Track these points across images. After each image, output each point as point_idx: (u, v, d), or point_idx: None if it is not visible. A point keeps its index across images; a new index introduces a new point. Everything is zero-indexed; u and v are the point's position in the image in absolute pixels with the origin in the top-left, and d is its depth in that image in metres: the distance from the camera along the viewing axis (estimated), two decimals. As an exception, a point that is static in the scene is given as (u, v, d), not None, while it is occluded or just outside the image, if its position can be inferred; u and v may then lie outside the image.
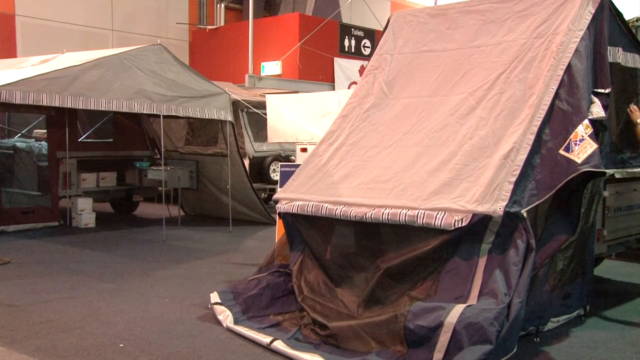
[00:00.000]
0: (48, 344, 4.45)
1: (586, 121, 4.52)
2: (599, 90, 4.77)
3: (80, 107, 7.99)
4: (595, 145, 4.39)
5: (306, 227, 5.17)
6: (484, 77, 5.07)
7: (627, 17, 7.81)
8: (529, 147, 4.36)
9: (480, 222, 4.14)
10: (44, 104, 7.64)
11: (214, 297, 5.28)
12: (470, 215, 4.13)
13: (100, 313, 5.23)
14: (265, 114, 11.45)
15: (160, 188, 10.15)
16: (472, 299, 4.05)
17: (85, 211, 9.95)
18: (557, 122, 4.56)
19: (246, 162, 11.11)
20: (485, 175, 4.34)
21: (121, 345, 4.46)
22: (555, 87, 4.61)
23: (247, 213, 10.41)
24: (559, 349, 4.49)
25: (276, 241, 7.12)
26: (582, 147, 4.40)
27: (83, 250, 8.08)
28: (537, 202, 4.28)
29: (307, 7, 18.18)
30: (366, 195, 4.82)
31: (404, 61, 5.89)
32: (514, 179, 4.20)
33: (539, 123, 4.47)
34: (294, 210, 5.15)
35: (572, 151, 4.41)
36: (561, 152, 4.43)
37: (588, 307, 5.16)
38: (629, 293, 6.08)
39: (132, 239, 9.08)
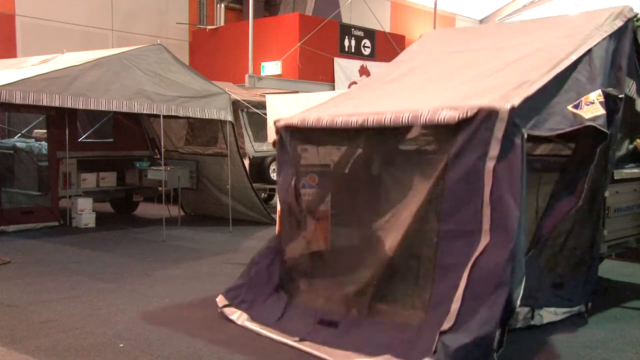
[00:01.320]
0: (48, 344, 4.46)
1: (599, 91, 4.70)
2: (611, 91, 4.88)
3: (80, 107, 7.99)
4: (603, 111, 4.53)
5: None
6: (511, 56, 5.21)
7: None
8: (546, 81, 4.43)
9: (485, 122, 3.95)
10: (44, 104, 7.64)
11: (221, 300, 5.21)
12: (477, 109, 3.97)
13: (100, 313, 5.23)
14: (265, 114, 11.45)
15: (160, 188, 10.15)
16: (485, 234, 3.91)
17: (85, 211, 9.94)
18: (570, 86, 4.67)
19: (246, 162, 11.10)
20: (500, 91, 4.32)
21: (121, 345, 4.46)
22: (575, 57, 4.78)
23: (247, 213, 10.41)
24: (559, 349, 4.49)
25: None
26: (591, 108, 4.56)
27: (83, 250, 8.08)
28: (536, 133, 4.20)
29: (307, 7, 18.18)
30: (380, 108, 4.69)
31: (430, 55, 6.04)
32: (525, 95, 4.16)
33: (557, 72, 4.58)
34: (306, 124, 4.87)
35: (580, 108, 4.54)
36: (570, 107, 4.54)
37: (590, 304, 5.17)
38: (629, 293, 6.08)
39: (132, 239, 9.08)
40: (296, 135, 5.09)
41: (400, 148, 4.72)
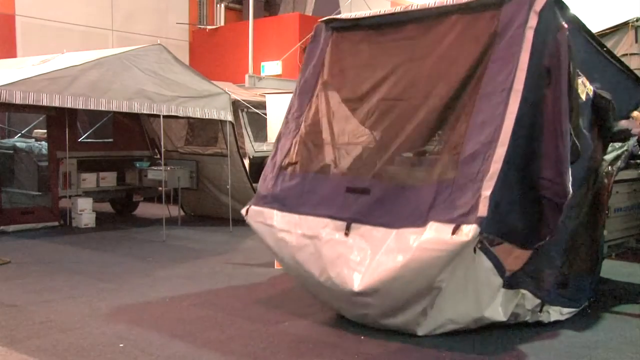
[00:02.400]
0: (48, 344, 4.46)
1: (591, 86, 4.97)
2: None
3: (80, 107, 8.00)
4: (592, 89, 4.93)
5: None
6: None
7: (627, 17, 7.84)
8: None
9: None
10: (44, 104, 7.64)
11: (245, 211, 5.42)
12: None
13: (100, 313, 5.23)
14: (265, 114, 11.45)
15: (160, 188, 10.15)
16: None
17: (85, 211, 9.94)
18: None
19: (246, 162, 11.09)
20: None
21: (121, 345, 4.46)
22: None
23: (247, 213, 10.39)
24: (559, 349, 4.49)
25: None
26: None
27: (83, 250, 8.08)
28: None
29: (307, 7, 18.17)
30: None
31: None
32: None
33: None
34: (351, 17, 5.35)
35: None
36: None
37: (592, 299, 5.19)
38: (629, 293, 6.09)
39: (132, 239, 9.08)
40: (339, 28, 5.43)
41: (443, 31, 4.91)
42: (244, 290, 6.08)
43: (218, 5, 18.66)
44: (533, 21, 4.34)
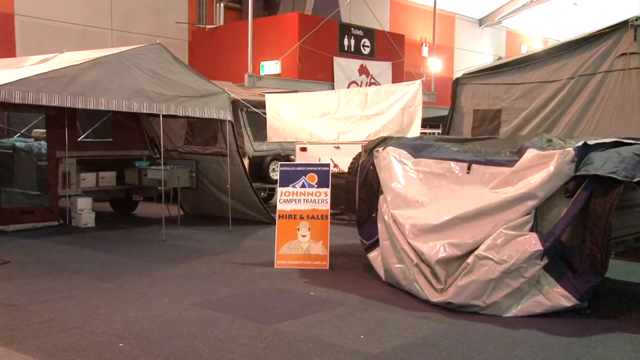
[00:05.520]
0: (48, 344, 4.46)
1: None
2: None
3: (80, 106, 7.98)
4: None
5: None
6: None
7: (626, 16, 7.84)
8: None
9: None
10: (43, 103, 7.63)
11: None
12: None
13: (99, 313, 5.23)
14: (265, 114, 11.45)
15: (159, 187, 10.14)
16: None
17: (84, 211, 9.94)
18: None
19: (246, 161, 11.10)
20: None
21: (121, 344, 4.46)
22: None
23: (246, 212, 10.41)
24: (559, 348, 4.50)
25: (276, 241, 7.14)
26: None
27: (83, 250, 8.08)
28: None
29: (306, 7, 18.16)
30: None
31: None
32: None
33: None
34: None
35: None
36: None
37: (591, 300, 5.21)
38: (628, 292, 6.09)
39: (132, 238, 9.08)
40: None
41: None
42: (244, 290, 6.08)
43: (217, 5, 18.66)
44: None
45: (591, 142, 5.50)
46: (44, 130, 10.49)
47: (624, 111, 7.74)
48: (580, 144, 5.38)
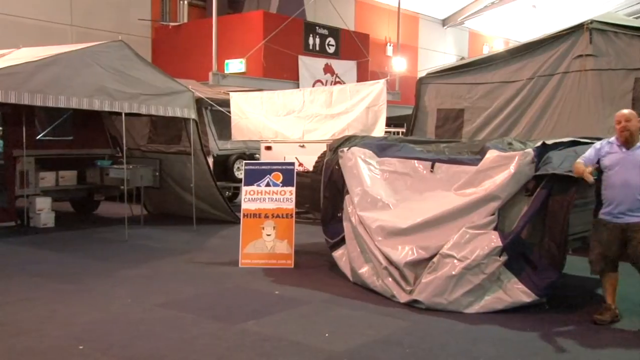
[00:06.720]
0: (3, 348, 4.32)
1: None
2: None
3: (38, 104, 7.78)
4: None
5: None
6: None
7: (583, 19, 8.05)
8: None
9: None
10: None
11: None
12: None
13: (58, 315, 5.10)
14: (229, 112, 11.37)
15: (122, 187, 9.97)
16: None
17: (43, 210, 9.71)
18: None
19: (210, 160, 11.01)
20: None
21: (81, 347, 4.36)
22: None
23: (211, 211, 10.32)
24: (519, 343, 4.59)
25: (241, 240, 7.10)
26: None
27: (41, 251, 7.88)
28: None
29: (271, 5, 18.08)
30: None
31: None
32: None
33: None
34: None
35: None
36: None
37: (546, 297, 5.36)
38: (585, 287, 6.26)
39: (93, 238, 8.90)
40: None
41: None
42: (208, 290, 6.03)
43: (181, 2, 18.42)
44: None
45: (549, 141, 5.64)
46: (0, 128, 10.19)
47: (580, 111, 7.96)
48: (539, 144, 5.52)
